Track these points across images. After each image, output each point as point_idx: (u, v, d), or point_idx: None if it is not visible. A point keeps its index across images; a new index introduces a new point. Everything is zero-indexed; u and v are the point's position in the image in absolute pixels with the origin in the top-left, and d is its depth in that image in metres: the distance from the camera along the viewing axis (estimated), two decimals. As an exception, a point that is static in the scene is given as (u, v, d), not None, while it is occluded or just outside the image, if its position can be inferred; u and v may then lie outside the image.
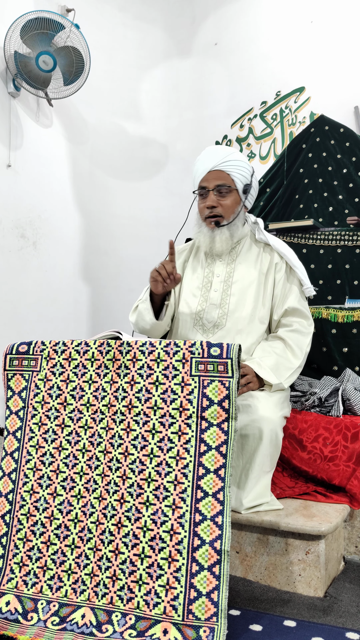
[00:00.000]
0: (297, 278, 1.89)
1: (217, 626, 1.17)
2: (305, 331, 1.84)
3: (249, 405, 1.64)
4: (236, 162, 1.87)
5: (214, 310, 1.87)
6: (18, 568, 1.38)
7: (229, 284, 1.89)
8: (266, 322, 1.88)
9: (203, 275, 1.95)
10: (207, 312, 1.88)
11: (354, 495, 1.73)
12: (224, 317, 1.85)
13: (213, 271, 1.94)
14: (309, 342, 1.84)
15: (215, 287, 1.90)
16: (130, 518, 1.31)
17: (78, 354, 1.47)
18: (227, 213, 1.88)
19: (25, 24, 2.75)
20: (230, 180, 1.86)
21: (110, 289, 3.58)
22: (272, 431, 1.63)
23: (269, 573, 1.56)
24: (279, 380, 1.71)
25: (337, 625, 1.33)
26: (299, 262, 1.92)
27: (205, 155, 1.90)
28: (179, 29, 3.75)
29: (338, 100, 3.08)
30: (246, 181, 1.89)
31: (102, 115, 3.55)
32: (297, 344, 1.80)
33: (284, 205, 2.83)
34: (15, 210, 2.93)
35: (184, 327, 1.91)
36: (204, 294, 1.91)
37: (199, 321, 1.89)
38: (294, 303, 1.85)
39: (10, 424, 1.50)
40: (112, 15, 3.59)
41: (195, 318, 1.90)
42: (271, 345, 1.81)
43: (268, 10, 3.40)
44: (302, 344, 1.82)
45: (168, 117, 3.75)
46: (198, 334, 1.87)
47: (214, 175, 1.86)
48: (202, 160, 1.89)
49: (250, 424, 1.61)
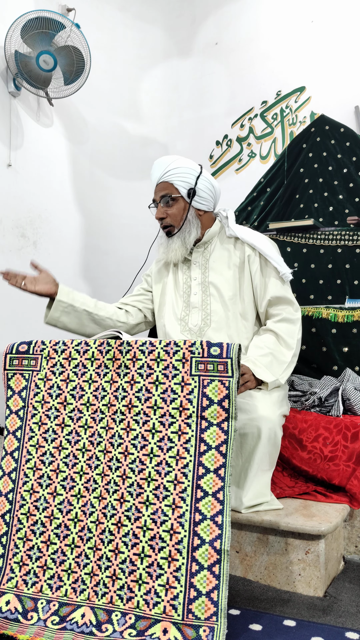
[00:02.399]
0: (272, 267, 1.86)
1: (217, 626, 1.17)
2: (293, 318, 1.82)
3: (247, 404, 1.64)
4: (176, 170, 1.87)
5: (197, 313, 1.89)
6: (18, 567, 1.38)
7: (207, 285, 1.90)
8: (250, 318, 1.87)
9: (182, 280, 1.98)
10: (191, 316, 1.90)
11: (353, 495, 1.73)
12: (207, 318, 1.87)
13: (190, 275, 1.96)
14: (299, 328, 1.83)
15: (195, 291, 1.92)
16: (130, 517, 1.31)
17: (78, 354, 1.47)
18: (176, 221, 1.90)
19: (26, 23, 2.75)
20: (173, 189, 1.88)
21: (110, 289, 3.57)
22: (271, 430, 1.63)
23: (269, 573, 1.56)
24: (274, 377, 1.71)
25: (336, 625, 1.33)
26: (271, 250, 1.88)
27: (152, 169, 1.93)
28: (179, 28, 3.75)
29: (338, 100, 3.08)
30: (189, 185, 1.87)
31: (102, 115, 3.55)
32: (288, 333, 1.79)
33: (284, 205, 2.83)
34: (16, 210, 2.93)
35: (173, 331, 1.93)
36: (186, 299, 1.94)
37: (185, 326, 1.91)
38: (275, 292, 1.84)
39: (10, 424, 1.50)
40: (113, 15, 3.59)
41: (181, 324, 1.92)
42: (263, 340, 1.80)
43: (268, 10, 3.40)
44: (293, 333, 1.80)
45: (168, 117, 3.75)
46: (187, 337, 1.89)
47: (159, 187, 1.90)
48: (151, 174, 1.94)
49: (248, 423, 1.61)
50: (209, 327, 1.86)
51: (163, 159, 1.94)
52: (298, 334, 1.82)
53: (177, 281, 2.00)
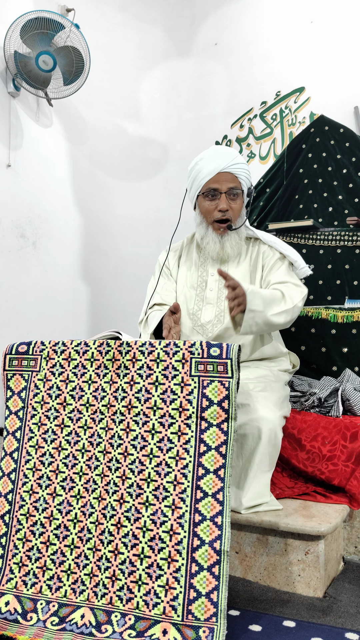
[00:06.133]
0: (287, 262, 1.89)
1: (217, 626, 1.17)
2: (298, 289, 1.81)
3: (248, 405, 1.64)
4: (242, 166, 1.85)
5: (211, 309, 1.88)
6: (17, 568, 1.38)
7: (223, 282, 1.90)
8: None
9: (197, 274, 1.96)
10: (204, 312, 1.88)
11: (353, 496, 1.73)
12: (221, 315, 1.86)
13: (207, 270, 1.94)
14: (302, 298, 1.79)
15: (211, 286, 1.91)
16: (130, 518, 1.31)
17: (77, 354, 1.47)
18: (236, 217, 1.87)
19: (25, 23, 2.74)
20: (238, 182, 1.84)
21: (110, 289, 3.58)
22: (272, 431, 1.63)
23: (269, 573, 1.56)
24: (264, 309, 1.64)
25: (336, 626, 1.33)
26: (289, 248, 1.92)
27: (212, 155, 1.85)
28: (178, 29, 3.75)
29: (338, 101, 3.08)
30: (249, 184, 1.88)
31: (101, 115, 3.55)
32: (290, 295, 1.76)
33: (284, 206, 2.83)
34: (15, 210, 2.93)
35: (183, 326, 1.91)
36: (200, 293, 1.92)
37: (197, 321, 1.89)
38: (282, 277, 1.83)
39: (10, 424, 1.50)
40: (112, 15, 3.59)
41: (193, 318, 1.90)
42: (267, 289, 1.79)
43: (268, 10, 3.39)
44: (296, 296, 1.77)
45: (168, 117, 3.75)
46: (197, 333, 1.88)
47: (225, 177, 1.82)
48: (208, 159, 1.84)
49: (249, 424, 1.61)
50: (222, 324, 1.85)
51: (226, 148, 1.90)
52: (299, 301, 1.77)
53: (190, 275, 1.97)
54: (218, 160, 1.82)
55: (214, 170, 1.82)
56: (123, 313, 3.47)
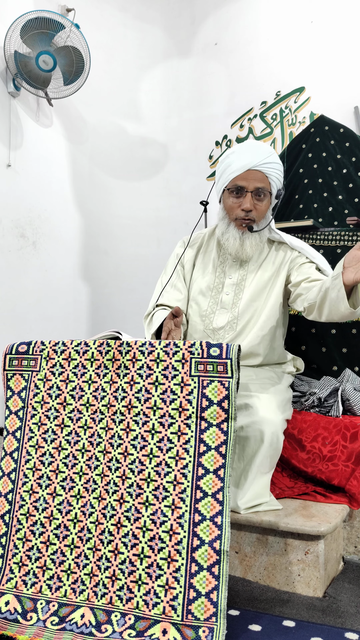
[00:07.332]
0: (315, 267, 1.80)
1: (216, 626, 1.17)
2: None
3: (250, 406, 1.63)
4: (275, 165, 1.74)
5: (225, 314, 1.82)
6: (17, 568, 1.38)
7: (242, 287, 1.83)
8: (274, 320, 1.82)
9: (215, 275, 1.87)
10: (217, 316, 1.83)
11: (353, 496, 1.73)
12: (234, 322, 1.81)
13: (225, 272, 1.86)
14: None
15: (227, 290, 1.84)
16: (130, 518, 1.31)
17: (78, 354, 1.47)
18: (260, 218, 1.78)
19: (25, 23, 2.75)
20: (268, 183, 1.74)
21: (110, 289, 3.58)
22: (274, 434, 1.62)
23: (268, 573, 1.56)
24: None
25: (336, 626, 1.33)
26: (318, 255, 1.83)
27: (246, 149, 1.75)
28: (178, 29, 3.75)
29: (338, 101, 3.08)
30: (279, 186, 1.77)
31: (101, 115, 3.55)
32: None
33: (284, 205, 2.83)
34: (15, 210, 2.93)
35: (194, 329, 1.87)
36: (215, 295, 1.85)
37: (209, 324, 1.84)
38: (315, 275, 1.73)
39: (10, 424, 1.50)
40: (112, 15, 3.59)
41: (205, 322, 1.85)
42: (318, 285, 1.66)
43: (268, 10, 3.40)
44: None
45: (168, 117, 3.75)
46: (208, 338, 1.84)
47: (254, 175, 1.72)
48: (240, 154, 1.74)
49: (251, 426, 1.60)
50: (235, 330, 1.79)
51: (261, 144, 1.77)
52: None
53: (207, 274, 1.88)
54: (250, 157, 1.71)
55: (244, 167, 1.71)
56: (123, 313, 3.47)
